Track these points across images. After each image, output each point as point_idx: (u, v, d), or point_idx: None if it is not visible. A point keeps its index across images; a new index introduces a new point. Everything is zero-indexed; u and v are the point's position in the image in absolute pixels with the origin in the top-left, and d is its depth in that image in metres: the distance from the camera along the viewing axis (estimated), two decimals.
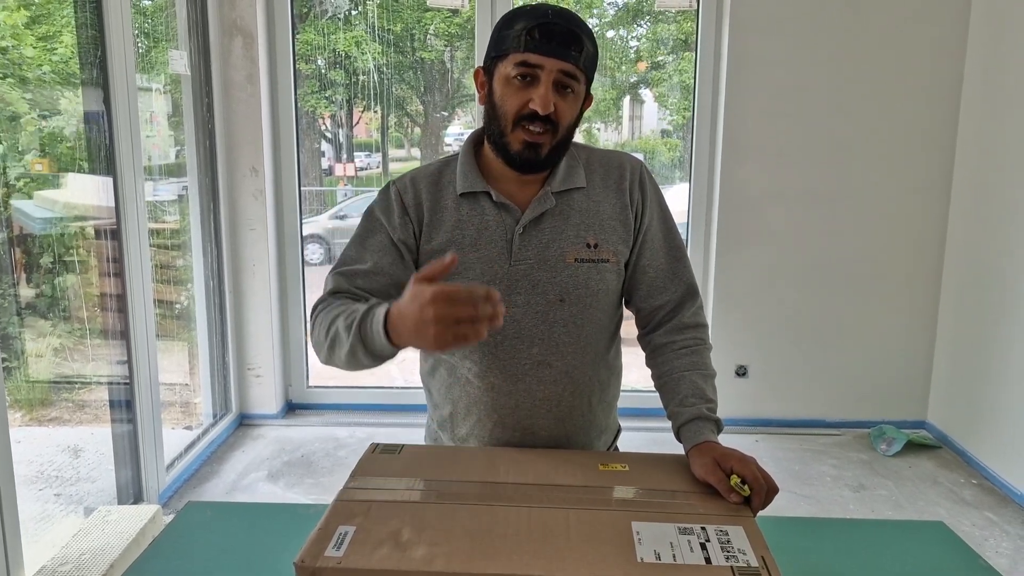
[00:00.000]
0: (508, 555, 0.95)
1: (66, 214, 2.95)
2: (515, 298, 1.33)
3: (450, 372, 1.42)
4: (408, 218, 1.35)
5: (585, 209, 1.35)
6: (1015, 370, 3.20)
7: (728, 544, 0.98)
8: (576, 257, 1.33)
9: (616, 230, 1.36)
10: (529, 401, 1.36)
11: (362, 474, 1.17)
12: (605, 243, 1.35)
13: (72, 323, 3.05)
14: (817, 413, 3.88)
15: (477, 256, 1.33)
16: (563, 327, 1.34)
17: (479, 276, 1.32)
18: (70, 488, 3.00)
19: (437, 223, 1.35)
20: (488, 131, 1.33)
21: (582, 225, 1.35)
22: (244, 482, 3.30)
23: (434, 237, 1.34)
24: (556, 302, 1.33)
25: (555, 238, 1.34)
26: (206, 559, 1.22)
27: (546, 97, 1.24)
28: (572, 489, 1.14)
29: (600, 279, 1.35)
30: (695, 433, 1.28)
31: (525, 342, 1.34)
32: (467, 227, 1.34)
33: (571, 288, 1.33)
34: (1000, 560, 2.73)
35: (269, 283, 3.80)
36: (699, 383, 1.35)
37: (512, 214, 1.34)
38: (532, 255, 1.33)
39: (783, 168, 3.68)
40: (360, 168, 5.78)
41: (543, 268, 1.33)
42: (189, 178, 3.51)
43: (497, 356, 1.35)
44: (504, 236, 1.33)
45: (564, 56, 1.24)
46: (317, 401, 4.12)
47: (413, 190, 1.36)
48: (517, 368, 1.35)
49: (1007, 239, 3.27)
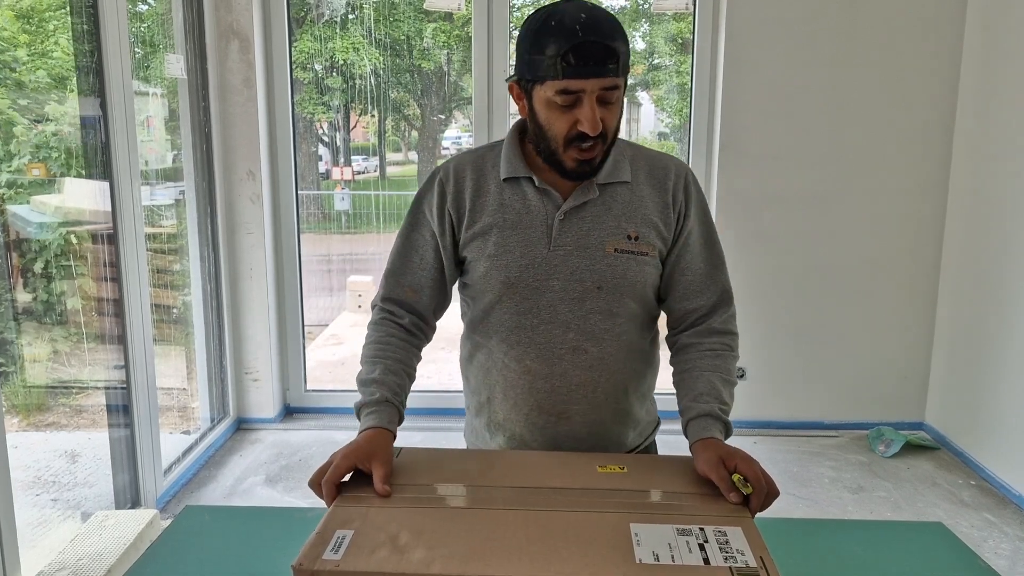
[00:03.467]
0: (506, 557, 0.95)
1: (63, 218, 2.95)
2: (552, 283, 1.34)
3: (488, 356, 1.44)
4: (447, 209, 1.38)
5: (628, 202, 1.36)
6: (1013, 371, 3.20)
7: (727, 545, 0.98)
8: (616, 247, 1.34)
9: (656, 226, 1.37)
10: (565, 386, 1.38)
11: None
12: (645, 237, 1.36)
13: (69, 327, 3.05)
14: (815, 415, 3.88)
15: (517, 238, 1.35)
16: (599, 315, 1.35)
17: (518, 259, 1.35)
18: (67, 493, 2.99)
19: (480, 207, 1.38)
20: (537, 146, 1.34)
21: (624, 217, 1.35)
22: (242, 486, 3.30)
23: (476, 221, 1.37)
24: (593, 289, 1.34)
25: (596, 227, 1.35)
26: (203, 563, 1.21)
27: (594, 119, 1.24)
28: (570, 492, 1.14)
29: (639, 271, 1.35)
30: (702, 428, 1.28)
31: (560, 327, 1.36)
32: (509, 210, 1.36)
33: (609, 277, 1.34)
34: (999, 561, 2.73)
35: (266, 287, 3.80)
36: (717, 384, 1.35)
37: (553, 200, 1.35)
38: (571, 242, 1.34)
39: (780, 170, 3.68)
40: (358, 172, 5.78)
41: (582, 255, 1.34)
42: (186, 182, 3.51)
43: (534, 340, 1.37)
44: (545, 221, 1.35)
45: (602, 73, 1.22)
46: (315, 405, 4.11)
47: (456, 178, 1.39)
48: (552, 352, 1.37)
49: (1004, 241, 3.28)
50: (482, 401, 1.47)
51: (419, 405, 4.12)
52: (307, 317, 4.22)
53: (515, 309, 1.37)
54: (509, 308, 1.37)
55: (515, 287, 1.35)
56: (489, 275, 1.37)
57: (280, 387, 4.01)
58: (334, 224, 6.86)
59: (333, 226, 6.89)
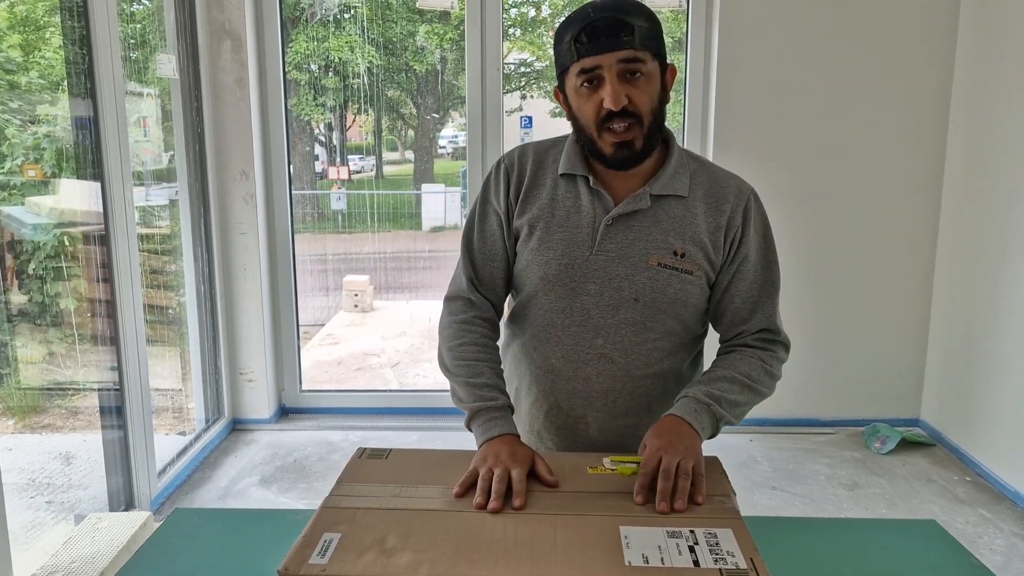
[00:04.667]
0: (494, 560, 0.94)
1: (57, 220, 2.94)
2: (588, 287, 1.33)
3: (521, 348, 1.44)
4: (508, 193, 1.39)
5: (680, 218, 1.33)
6: (1008, 367, 3.20)
7: (717, 547, 0.97)
8: (660, 261, 1.32)
9: (705, 247, 1.33)
10: (586, 391, 1.37)
11: (348, 480, 1.16)
12: (692, 256, 1.32)
13: (63, 329, 3.04)
14: (811, 412, 3.88)
15: (562, 237, 1.34)
16: (631, 326, 1.34)
17: (559, 256, 1.34)
18: (61, 495, 2.98)
19: (533, 198, 1.37)
20: (580, 143, 1.34)
21: (672, 232, 1.33)
22: (237, 487, 3.29)
23: (527, 210, 1.37)
24: (630, 300, 1.33)
25: (641, 237, 1.32)
26: (193, 566, 1.20)
27: (615, 92, 1.23)
28: (560, 494, 1.13)
29: (680, 288, 1.33)
30: (675, 406, 1.28)
31: (590, 332, 1.35)
32: (559, 207, 1.35)
33: (647, 290, 1.32)
34: (994, 558, 2.73)
35: (260, 287, 3.79)
36: (722, 377, 1.33)
37: (604, 204, 1.34)
38: (614, 248, 1.33)
39: (774, 168, 3.68)
40: (354, 171, 5.77)
41: (623, 264, 1.32)
42: (180, 182, 3.50)
43: (562, 341, 1.36)
44: (592, 223, 1.33)
45: (616, 47, 1.22)
46: (310, 405, 4.10)
47: (519, 165, 1.40)
48: (579, 356, 1.36)
49: (998, 237, 3.27)
50: (512, 390, 1.47)
51: (414, 405, 4.11)
52: (303, 317, 4.21)
53: (549, 307, 1.37)
54: (544, 304, 1.37)
55: (552, 284, 1.35)
56: (529, 268, 1.37)
57: (275, 387, 4.00)
58: (330, 224, 6.86)
59: (329, 226, 6.88)
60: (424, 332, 6.23)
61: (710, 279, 1.37)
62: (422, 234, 7.92)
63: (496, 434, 1.26)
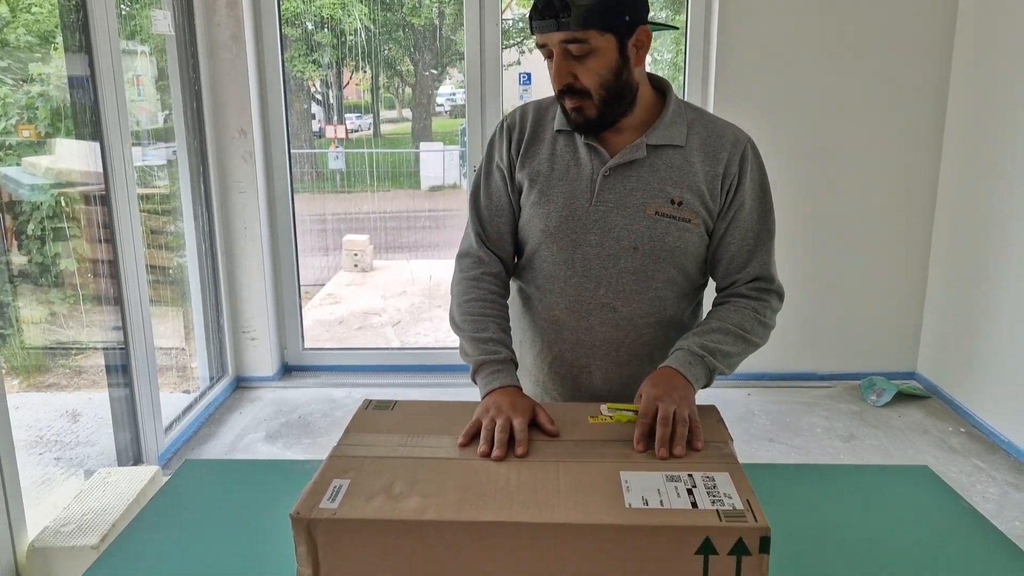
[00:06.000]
0: (498, 505, 0.97)
1: (54, 180, 2.94)
2: (589, 237, 1.36)
3: (525, 301, 1.47)
4: (510, 149, 1.42)
5: (677, 167, 1.35)
6: (1004, 320, 3.23)
7: (714, 489, 1.00)
8: (657, 210, 1.34)
9: (702, 195, 1.35)
10: (589, 340, 1.40)
11: (355, 430, 1.19)
12: (689, 204, 1.34)
13: (65, 290, 3.06)
14: (808, 366, 3.92)
15: (561, 190, 1.37)
16: (632, 275, 1.37)
17: (559, 209, 1.36)
18: (70, 452, 3.03)
19: (532, 153, 1.40)
20: None
21: (670, 181, 1.35)
22: (242, 443, 3.34)
23: (526, 165, 1.40)
24: (629, 249, 1.35)
25: (639, 187, 1.35)
26: (204, 514, 1.24)
27: (557, 71, 1.28)
28: (562, 442, 1.16)
29: (679, 237, 1.35)
30: (669, 358, 1.31)
31: (592, 282, 1.37)
32: (558, 161, 1.38)
33: (646, 239, 1.35)
34: (987, 505, 2.79)
35: (261, 246, 3.80)
36: (716, 329, 1.35)
37: (601, 156, 1.36)
38: (613, 199, 1.35)
39: (774, 122, 3.66)
40: (351, 130, 5.74)
41: (621, 214, 1.35)
42: (178, 142, 3.48)
43: (565, 292, 1.39)
44: (590, 176, 1.36)
45: (554, 28, 1.24)
46: (313, 363, 4.14)
47: (520, 122, 1.43)
48: (582, 307, 1.39)
49: (997, 192, 3.28)
50: (517, 342, 1.50)
51: (416, 362, 4.15)
52: (303, 277, 4.23)
53: (551, 259, 1.39)
54: (546, 257, 1.40)
55: (553, 237, 1.38)
56: (531, 222, 1.40)
57: (278, 346, 4.04)
58: (328, 183, 6.83)
59: (328, 185, 6.86)
60: (424, 291, 6.26)
61: (708, 227, 1.38)
62: (421, 193, 7.88)
63: (498, 386, 1.29)
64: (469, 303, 1.40)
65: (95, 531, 2.25)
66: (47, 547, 2.20)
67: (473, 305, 1.40)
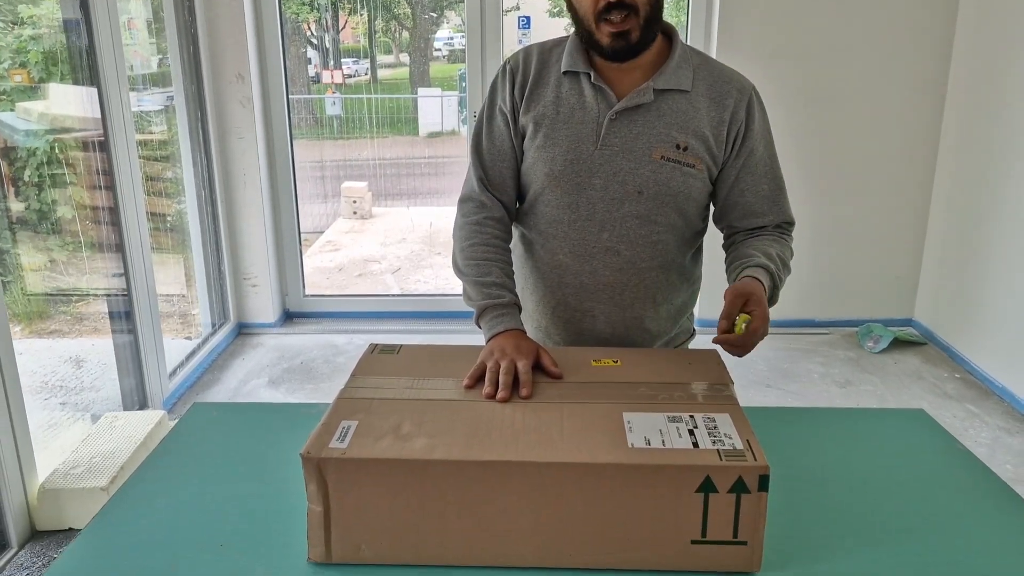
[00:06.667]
0: (503, 445, 0.99)
1: (49, 126, 2.91)
2: (594, 181, 1.36)
3: (527, 247, 1.47)
4: (514, 92, 1.40)
5: (683, 111, 1.35)
6: (1002, 267, 3.25)
7: (715, 430, 1.02)
8: (662, 155, 1.34)
9: (707, 141, 1.35)
10: (593, 284, 1.41)
11: (362, 373, 1.21)
12: (694, 149, 1.34)
13: (64, 236, 3.05)
14: (807, 313, 3.95)
15: (567, 133, 1.36)
16: (636, 219, 1.37)
17: (564, 152, 1.36)
18: (75, 397, 3.07)
19: (537, 96, 1.39)
20: (578, 34, 1.35)
21: (675, 126, 1.34)
22: (245, 388, 3.38)
23: (531, 108, 1.38)
24: (634, 193, 1.35)
25: (645, 131, 1.34)
26: (214, 456, 1.26)
27: None
28: (565, 384, 1.18)
29: (683, 182, 1.35)
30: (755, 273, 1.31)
31: (596, 226, 1.37)
32: (563, 104, 1.37)
33: (651, 183, 1.34)
34: (979, 449, 2.84)
35: (261, 193, 3.78)
36: (769, 249, 1.36)
37: (607, 99, 1.35)
38: (618, 143, 1.34)
39: (777, 68, 3.62)
40: (348, 75, 5.66)
41: (627, 158, 1.34)
42: (175, 87, 3.44)
43: (568, 236, 1.39)
44: (596, 119, 1.35)
45: None
46: (314, 310, 4.17)
47: (523, 65, 1.41)
48: (585, 250, 1.39)
49: (1000, 140, 3.26)
50: (519, 288, 1.50)
51: (417, 309, 4.18)
52: (302, 224, 4.22)
53: (556, 203, 1.39)
54: (550, 201, 1.39)
55: (558, 180, 1.37)
56: (535, 166, 1.39)
57: (279, 292, 4.05)
58: (326, 129, 6.77)
59: (325, 131, 6.80)
60: (424, 238, 6.25)
61: (712, 173, 1.39)
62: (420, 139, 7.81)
63: (502, 329, 1.30)
64: (472, 247, 1.41)
65: (104, 473, 2.29)
66: (58, 488, 2.25)
67: (476, 250, 1.40)
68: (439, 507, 0.97)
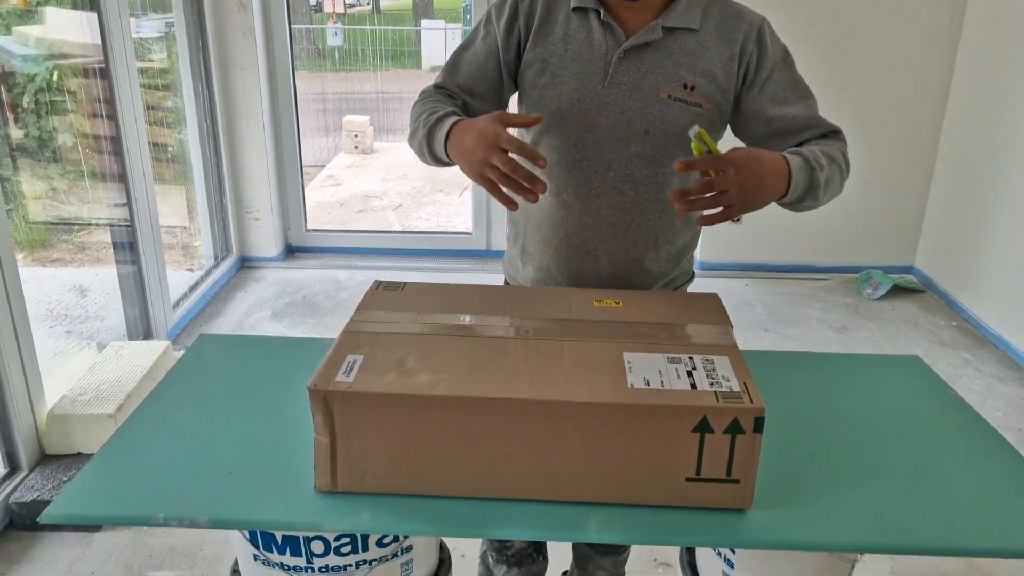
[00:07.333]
0: (506, 381, 1.02)
1: (47, 51, 2.86)
2: (600, 120, 1.34)
3: None
4: (518, 24, 1.38)
5: (691, 51, 1.33)
6: (1004, 218, 3.24)
7: (713, 372, 1.04)
8: (669, 94, 1.32)
9: (717, 78, 1.34)
10: (596, 223, 1.41)
11: (367, 308, 1.22)
12: (702, 89, 1.33)
13: (64, 165, 3.04)
14: (807, 258, 3.96)
15: (574, 71, 1.34)
16: (642, 160, 1.36)
17: (572, 91, 1.34)
18: (80, 325, 3.10)
19: (545, 32, 1.37)
20: None
21: (683, 65, 1.33)
22: (249, 321, 3.41)
23: (538, 45, 1.37)
24: (640, 134, 1.34)
25: (653, 70, 1.33)
26: (221, 386, 1.29)
27: None
28: (567, 323, 1.20)
29: (689, 122, 1.31)
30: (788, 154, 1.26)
31: (602, 165, 1.37)
32: (571, 41, 1.35)
33: (658, 123, 1.33)
34: (971, 396, 2.88)
35: (263, 125, 3.75)
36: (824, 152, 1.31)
37: (616, 37, 1.33)
38: (626, 82, 1.33)
39: (786, 16, 3.54)
40: (350, 5, 5.54)
41: (634, 97, 1.33)
42: (175, 13, 3.38)
43: (573, 175, 1.39)
44: (604, 57, 1.33)
45: None
46: (316, 244, 4.17)
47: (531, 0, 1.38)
48: (590, 190, 1.39)
49: (1009, 92, 3.22)
50: (519, 230, 1.51)
51: (417, 246, 4.18)
52: (304, 158, 4.20)
53: (561, 142, 1.38)
54: (555, 140, 1.38)
55: (564, 119, 1.36)
56: (540, 104, 1.37)
57: (281, 226, 4.05)
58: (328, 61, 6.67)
59: (327, 63, 6.70)
60: (426, 175, 6.21)
61: (724, 112, 1.37)
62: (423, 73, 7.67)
63: (450, 124, 1.27)
64: (423, 108, 1.36)
65: (111, 401, 2.33)
66: (66, 414, 2.29)
67: (425, 105, 1.37)
68: (441, 440, 1.00)
